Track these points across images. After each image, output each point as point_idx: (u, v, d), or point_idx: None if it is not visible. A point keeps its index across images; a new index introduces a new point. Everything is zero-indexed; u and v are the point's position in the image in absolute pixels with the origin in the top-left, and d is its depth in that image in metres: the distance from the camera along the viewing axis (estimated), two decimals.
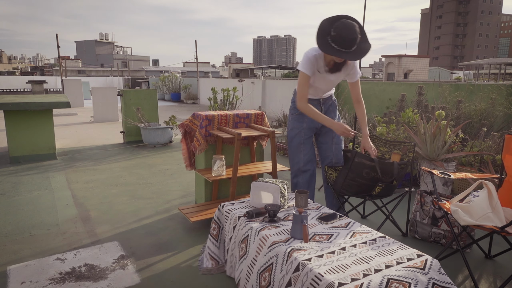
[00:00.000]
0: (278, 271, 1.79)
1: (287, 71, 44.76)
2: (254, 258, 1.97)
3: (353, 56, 2.51)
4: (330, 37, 2.49)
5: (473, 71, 34.31)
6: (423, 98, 5.57)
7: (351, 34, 2.44)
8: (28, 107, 4.94)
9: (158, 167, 5.02)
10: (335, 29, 2.46)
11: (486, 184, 2.29)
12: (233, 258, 2.22)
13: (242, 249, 2.10)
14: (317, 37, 2.54)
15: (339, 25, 2.46)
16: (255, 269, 1.93)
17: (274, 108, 11.37)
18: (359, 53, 2.51)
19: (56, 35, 14.30)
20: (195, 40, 18.54)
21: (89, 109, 12.55)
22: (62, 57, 19.14)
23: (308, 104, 2.72)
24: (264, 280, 1.84)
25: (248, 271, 1.98)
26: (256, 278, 1.89)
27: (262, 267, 1.89)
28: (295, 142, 2.93)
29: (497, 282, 2.35)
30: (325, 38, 2.51)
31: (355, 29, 2.46)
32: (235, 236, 2.22)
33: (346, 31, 2.44)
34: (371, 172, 2.66)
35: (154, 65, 76.96)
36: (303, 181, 2.97)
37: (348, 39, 2.44)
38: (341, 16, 2.54)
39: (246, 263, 2.02)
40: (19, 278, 2.29)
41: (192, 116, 3.29)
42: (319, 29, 2.55)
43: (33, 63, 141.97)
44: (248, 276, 1.97)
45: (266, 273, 1.85)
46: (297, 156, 2.93)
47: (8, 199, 3.71)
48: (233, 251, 2.23)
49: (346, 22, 2.47)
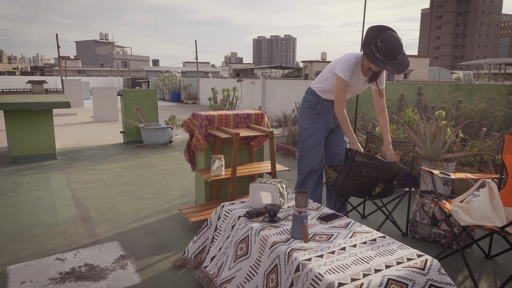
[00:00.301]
0: (283, 272, 1.80)
1: (287, 71, 44.77)
2: (258, 259, 1.97)
3: (395, 69, 2.58)
4: (374, 46, 2.56)
5: (473, 71, 34.31)
6: (422, 98, 5.57)
7: (398, 47, 2.52)
8: (28, 107, 4.94)
9: (158, 167, 5.02)
10: (382, 40, 2.53)
11: (489, 183, 2.29)
12: (224, 256, 2.20)
13: (242, 249, 2.09)
14: (364, 46, 2.62)
15: (387, 36, 2.53)
16: (260, 270, 1.93)
17: (274, 108, 11.37)
18: (400, 67, 2.59)
19: (56, 35, 14.30)
20: (195, 40, 18.55)
21: (89, 109, 12.55)
22: (62, 57, 19.15)
23: (344, 112, 2.78)
24: (271, 282, 1.85)
25: (250, 271, 1.97)
26: (263, 279, 1.90)
27: (268, 269, 1.89)
28: (310, 142, 2.96)
29: (497, 282, 2.35)
30: (369, 47, 2.59)
31: (401, 42, 2.54)
32: (233, 235, 2.21)
33: (394, 43, 2.51)
34: (371, 171, 2.66)
35: (154, 65, 76.97)
36: (313, 180, 3.02)
37: (394, 52, 2.52)
38: (386, 27, 2.62)
39: (247, 263, 2.01)
40: (19, 278, 2.29)
41: (192, 116, 3.29)
42: (365, 38, 2.63)
43: (33, 63, 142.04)
44: (249, 276, 1.97)
45: (273, 274, 1.86)
46: (312, 156, 2.97)
47: (8, 199, 3.71)
48: (227, 250, 2.21)
49: (393, 35, 2.54)
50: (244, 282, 1.97)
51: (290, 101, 10.32)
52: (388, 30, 2.58)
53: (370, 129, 5.26)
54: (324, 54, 75.44)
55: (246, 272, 2.00)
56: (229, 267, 2.12)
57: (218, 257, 2.25)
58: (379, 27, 2.62)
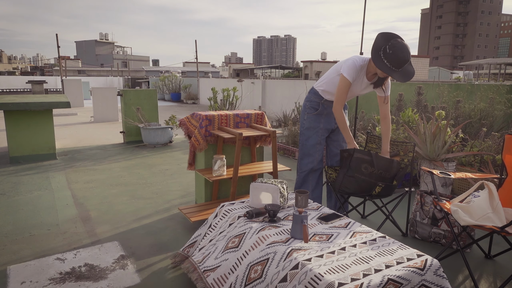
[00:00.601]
0: (274, 266, 1.79)
1: (287, 71, 44.77)
2: (246, 251, 1.97)
3: (401, 76, 2.61)
4: (383, 53, 2.58)
5: (473, 71, 34.31)
6: (422, 98, 5.58)
7: (406, 55, 2.55)
8: (28, 107, 4.94)
9: (158, 167, 5.02)
10: (391, 47, 2.55)
11: (488, 184, 2.30)
12: (213, 247, 2.20)
13: (234, 242, 2.09)
14: (372, 51, 2.64)
15: (396, 44, 2.55)
16: (245, 261, 1.93)
17: (274, 108, 11.37)
18: (406, 75, 2.62)
19: (56, 35, 14.29)
20: (195, 40, 18.55)
21: (89, 109, 12.55)
22: (62, 57, 19.14)
23: (342, 111, 2.81)
24: (254, 273, 1.84)
25: (236, 262, 1.97)
26: (245, 269, 1.90)
27: (255, 261, 1.89)
28: (311, 141, 3.01)
29: (497, 282, 2.35)
30: (378, 53, 2.61)
31: (409, 51, 2.57)
32: (228, 231, 2.21)
33: (403, 51, 2.54)
34: (369, 167, 2.67)
35: (154, 65, 76.96)
36: (313, 179, 3.07)
37: (402, 60, 2.54)
38: (395, 35, 2.64)
39: (235, 255, 2.01)
40: (19, 278, 2.29)
41: (190, 116, 3.29)
42: (374, 43, 2.66)
43: (33, 63, 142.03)
44: (234, 267, 1.97)
45: (258, 266, 1.85)
46: (312, 155, 3.02)
47: (8, 199, 3.71)
48: (217, 242, 2.21)
49: (402, 43, 2.57)
50: (228, 273, 1.97)
51: (290, 101, 10.32)
52: (398, 38, 2.61)
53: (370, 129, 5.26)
54: (324, 54, 75.30)
55: (232, 263, 1.99)
56: (216, 257, 2.11)
57: (206, 247, 2.25)
58: (388, 34, 2.65)
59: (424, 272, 1.68)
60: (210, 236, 2.33)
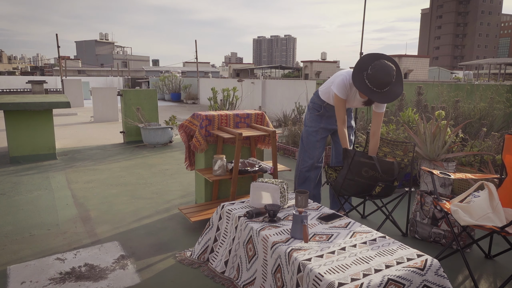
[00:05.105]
0: (286, 271, 1.81)
1: (287, 71, 44.76)
2: (264, 258, 1.99)
3: (381, 98, 2.58)
4: (366, 74, 2.57)
5: (473, 71, 34.30)
6: (422, 98, 5.58)
7: (385, 77, 2.51)
8: (28, 107, 4.94)
9: (158, 167, 5.02)
10: (372, 68, 2.54)
11: (487, 185, 2.30)
12: (237, 258, 2.22)
13: (251, 249, 2.10)
14: (354, 70, 2.62)
15: (376, 64, 2.53)
16: (268, 269, 1.95)
17: (274, 108, 11.37)
18: (389, 96, 2.58)
19: (56, 35, 14.29)
20: (195, 40, 18.54)
21: (89, 109, 12.55)
22: (62, 57, 19.14)
23: (345, 130, 2.87)
24: (278, 281, 1.86)
25: (263, 271, 1.99)
26: (272, 278, 1.91)
27: (273, 269, 1.91)
28: (312, 138, 3.11)
29: (497, 282, 2.35)
30: (361, 73, 2.60)
31: (391, 72, 2.53)
32: (238, 236, 2.22)
33: (382, 72, 2.50)
34: (370, 171, 2.67)
35: (154, 65, 76.90)
36: (314, 176, 3.16)
37: (382, 82, 2.51)
38: (382, 56, 2.62)
39: (259, 263, 2.03)
40: (19, 278, 2.29)
41: (192, 116, 3.29)
42: (358, 63, 2.64)
43: (33, 63, 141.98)
44: (264, 276, 1.99)
45: (278, 273, 1.87)
46: (313, 152, 3.12)
47: (8, 199, 3.71)
48: (237, 252, 2.23)
49: (384, 64, 2.53)
50: (263, 283, 2.00)
51: (290, 101, 10.31)
52: (382, 59, 2.58)
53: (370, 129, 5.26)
54: (324, 54, 75.32)
55: (261, 273, 2.02)
56: (247, 268, 2.14)
57: (231, 260, 2.27)
58: (375, 54, 2.64)
59: (424, 272, 1.68)
60: (226, 244, 2.34)
